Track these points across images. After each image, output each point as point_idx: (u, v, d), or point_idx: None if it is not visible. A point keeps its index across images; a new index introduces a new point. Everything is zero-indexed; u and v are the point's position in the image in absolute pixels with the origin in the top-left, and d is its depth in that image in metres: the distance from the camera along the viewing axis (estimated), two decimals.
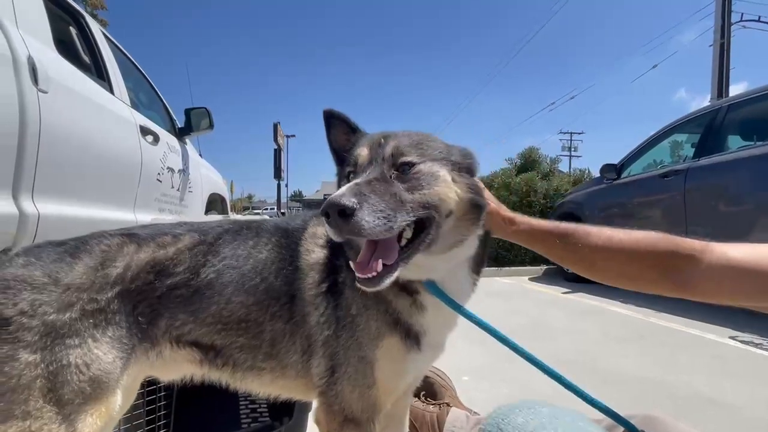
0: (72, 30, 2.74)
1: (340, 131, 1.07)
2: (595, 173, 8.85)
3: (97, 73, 2.82)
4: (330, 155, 1.08)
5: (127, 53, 3.57)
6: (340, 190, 0.79)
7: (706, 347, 3.07)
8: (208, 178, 4.71)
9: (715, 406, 2.08)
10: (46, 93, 1.98)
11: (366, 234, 0.77)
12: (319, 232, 1.08)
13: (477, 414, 1.51)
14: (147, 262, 1.00)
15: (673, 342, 3.21)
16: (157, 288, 0.99)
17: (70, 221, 2.18)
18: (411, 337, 0.98)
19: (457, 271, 1.01)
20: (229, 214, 5.13)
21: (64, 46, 2.49)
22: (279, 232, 1.11)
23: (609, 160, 6.00)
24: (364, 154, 0.91)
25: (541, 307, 4.47)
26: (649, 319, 3.90)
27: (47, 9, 2.27)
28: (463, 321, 1.03)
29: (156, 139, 3.26)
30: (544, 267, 7.10)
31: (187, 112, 4.12)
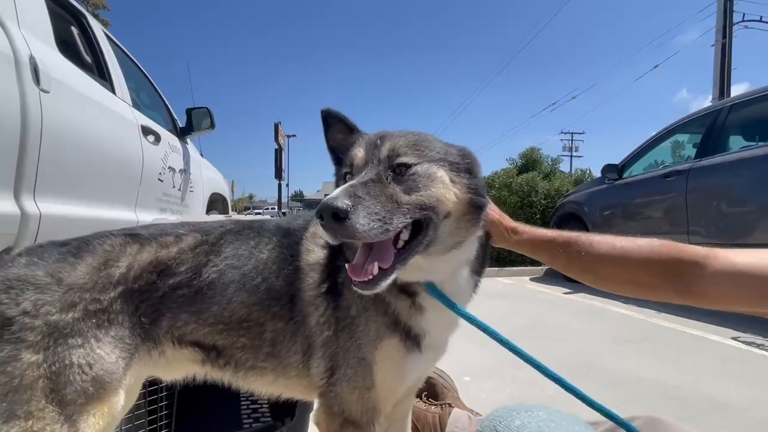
0: (74, 30, 2.74)
1: (337, 131, 1.06)
2: (597, 173, 8.85)
3: (99, 72, 2.82)
4: (329, 156, 1.07)
5: (128, 53, 3.57)
6: (334, 192, 0.78)
7: (708, 348, 3.07)
8: (209, 177, 4.71)
9: (717, 408, 2.08)
10: (47, 93, 1.98)
11: (361, 237, 0.76)
12: (320, 232, 1.07)
13: (479, 415, 1.51)
14: (149, 262, 1.00)
15: (676, 343, 3.21)
16: (159, 288, 0.99)
17: (72, 221, 2.18)
18: (411, 338, 0.98)
19: (457, 272, 0.99)
20: (230, 214, 5.13)
21: (66, 46, 2.50)
22: (280, 231, 1.11)
23: (610, 160, 6.01)
24: (360, 155, 0.90)
25: (542, 308, 4.47)
26: (651, 320, 3.90)
27: (49, 9, 2.27)
28: (465, 322, 1.03)
29: (157, 138, 3.26)
30: (545, 267, 7.09)
31: (189, 111, 4.13)
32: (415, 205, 0.84)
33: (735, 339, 3.26)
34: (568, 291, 5.31)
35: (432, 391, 1.58)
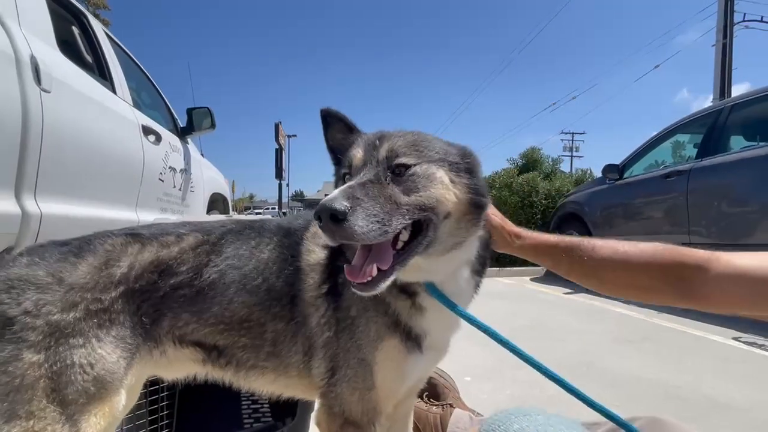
0: (74, 29, 2.74)
1: (337, 130, 1.05)
2: (597, 173, 8.84)
3: (100, 72, 2.82)
4: (329, 156, 1.07)
5: (129, 53, 3.57)
6: (332, 194, 0.77)
7: (709, 348, 3.07)
8: (209, 177, 4.71)
9: (718, 408, 2.07)
10: (48, 92, 1.99)
11: (359, 239, 0.75)
12: (321, 232, 1.07)
13: (480, 415, 1.51)
14: (151, 262, 1.00)
15: (677, 343, 3.21)
16: (160, 288, 0.99)
17: (73, 221, 2.18)
18: (411, 339, 0.97)
19: (458, 272, 0.99)
20: (231, 214, 5.13)
21: (67, 46, 2.50)
22: (281, 231, 1.10)
23: (610, 161, 6.00)
24: (358, 155, 0.89)
25: (542, 308, 4.47)
26: (651, 320, 3.89)
27: (50, 8, 2.27)
28: (466, 322, 1.03)
29: (158, 138, 3.26)
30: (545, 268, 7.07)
31: (189, 111, 4.13)
32: (415, 206, 0.83)
33: (736, 339, 3.25)
34: (569, 291, 5.30)
35: (433, 391, 1.58)
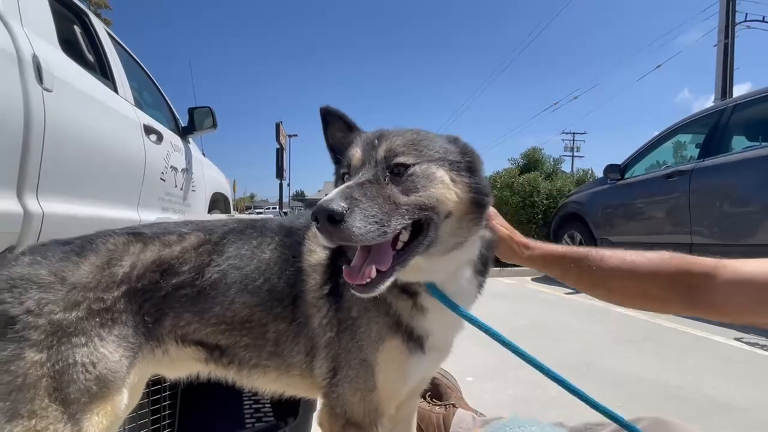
0: (76, 28, 2.74)
1: (337, 129, 1.04)
2: (598, 173, 8.83)
3: (102, 72, 2.82)
4: (329, 155, 1.06)
5: (131, 52, 3.57)
6: (330, 194, 0.76)
7: (710, 349, 3.06)
8: (211, 177, 4.71)
9: (719, 408, 2.07)
10: (50, 92, 1.98)
11: (357, 240, 0.74)
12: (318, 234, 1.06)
13: (483, 415, 1.51)
14: (153, 261, 1.00)
15: (679, 343, 3.20)
16: (162, 287, 0.99)
17: (74, 220, 2.18)
18: (413, 339, 0.96)
19: (459, 272, 0.98)
20: (232, 214, 5.14)
21: (69, 45, 2.50)
22: (283, 231, 1.10)
23: (611, 161, 5.98)
24: (357, 155, 0.88)
25: (543, 308, 4.46)
26: (652, 320, 3.89)
27: (52, 8, 2.27)
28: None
29: (159, 138, 3.26)
30: None
31: (191, 111, 4.13)
32: (415, 206, 0.82)
33: (738, 340, 3.25)
34: (570, 291, 5.29)
35: (436, 391, 1.58)
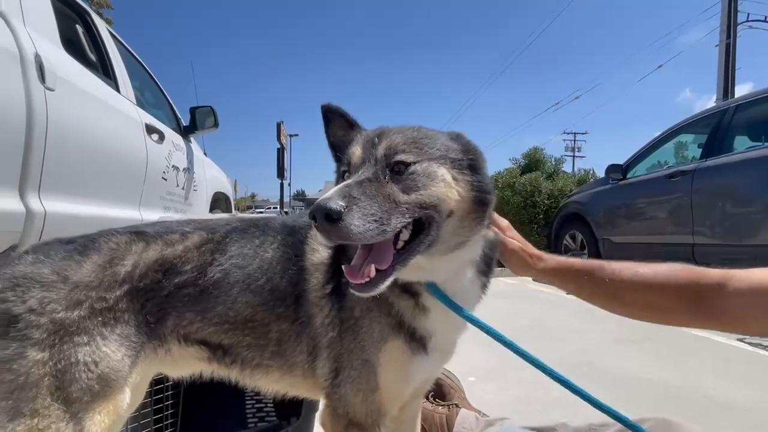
0: (78, 28, 2.74)
1: (338, 126, 1.04)
2: (599, 173, 8.83)
3: (104, 71, 2.82)
4: (330, 153, 1.05)
5: (132, 51, 3.58)
6: (328, 193, 0.76)
7: (712, 349, 3.05)
8: (212, 176, 4.71)
9: (721, 409, 2.06)
10: (53, 91, 1.98)
11: (356, 239, 0.74)
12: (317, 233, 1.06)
13: (486, 416, 1.50)
14: (155, 261, 0.99)
15: (679, 343, 3.19)
16: (164, 286, 0.98)
17: (76, 219, 2.18)
18: (416, 340, 0.95)
19: (462, 273, 0.97)
20: (234, 213, 5.14)
21: (71, 44, 2.50)
22: (285, 230, 1.09)
23: (612, 161, 5.97)
24: (357, 153, 0.88)
25: (544, 308, 4.45)
26: None
27: (54, 7, 2.28)
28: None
29: (161, 137, 3.26)
30: None
31: (192, 110, 4.13)
32: (415, 205, 0.81)
33: (740, 340, 3.23)
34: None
35: (439, 391, 1.57)
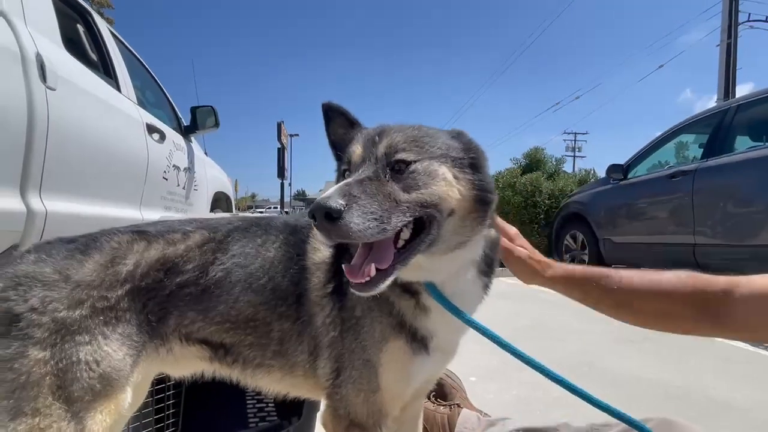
0: (80, 27, 2.74)
1: (338, 125, 1.03)
2: (601, 174, 8.82)
3: (105, 70, 2.82)
4: (331, 152, 1.05)
5: (133, 51, 3.58)
6: (328, 192, 0.75)
7: (712, 349, 3.04)
8: (213, 176, 4.71)
9: (722, 409, 2.05)
10: (54, 90, 1.98)
11: (356, 237, 0.73)
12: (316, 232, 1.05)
13: (488, 416, 1.50)
14: (157, 260, 0.99)
15: (679, 343, 3.17)
16: (166, 286, 0.98)
17: (77, 219, 2.18)
18: (417, 340, 0.95)
19: (462, 272, 0.96)
20: (235, 213, 5.13)
21: (72, 44, 2.50)
22: (287, 229, 1.09)
23: (613, 161, 5.96)
24: (357, 151, 0.87)
25: (544, 308, 4.44)
26: None
27: (55, 7, 2.28)
28: None
29: (162, 137, 3.26)
30: None
31: (193, 110, 4.13)
32: (416, 203, 0.81)
33: (741, 340, 3.23)
34: None
35: (440, 391, 1.57)
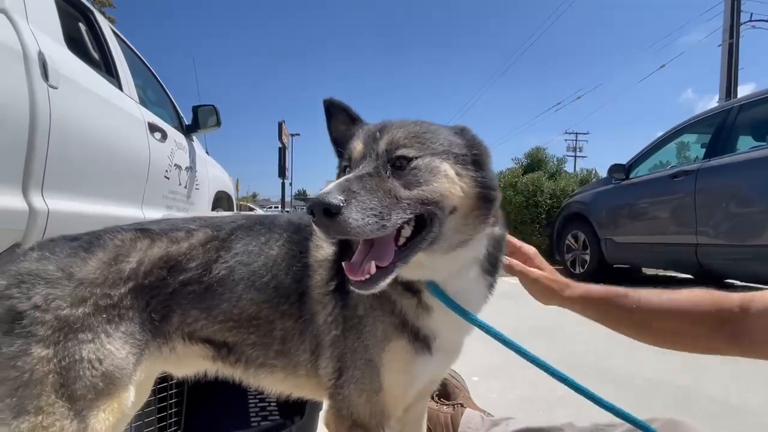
0: (82, 26, 2.74)
1: (340, 122, 1.03)
2: (602, 173, 8.81)
3: (107, 69, 2.82)
4: (332, 150, 1.04)
5: (135, 50, 3.58)
6: (327, 188, 0.74)
7: None
8: (214, 175, 4.71)
9: (730, 410, 2.04)
10: (56, 89, 1.98)
11: (355, 233, 0.72)
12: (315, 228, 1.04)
13: (491, 415, 1.50)
14: (160, 258, 0.99)
15: None
16: (169, 284, 0.98)
17: (79, 217, 2.18)
18: (420, 340, 0.94)
19: (465, 271, 0.94)
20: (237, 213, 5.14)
21: (74, 43, 2.50)
22: (291, 227, 1.08)
23: (614, 161, 5.94)
24: (358, 148, 0.86)
25: (549, 308, 4.43)
26: None
27: (57, 5, 2.27)
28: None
29: (164, 136, 3.26)
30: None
31: (195, 109, 4.13)
32: (417, 200, 0.80)
33: None
34: None
35: (444, 390, 1.56)
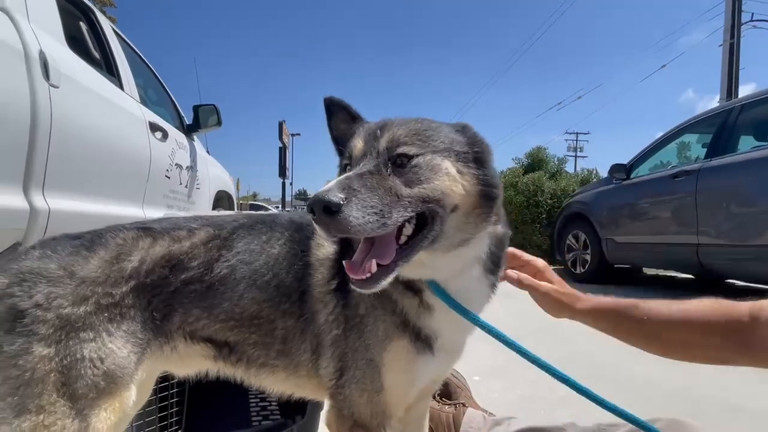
0: (83, 25, 2.74)
1: (341, 120, 1.02)
2: (602, 173, 8.81)
3: (107, 68, 2.82)
4: (333, 149, 1.04)
5: (136, 49, 3.58)
6: (327, 185, 0.74)
7: None
8: (215, 175, 4.71)
9: (733, 410, 2.04)
10: (57, 88, 1.98)
11: (355, 231, 0.72)
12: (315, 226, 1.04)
13: (493, 415, 1.49)
14: (162, 257, 0.98)
15: None
16: (171, 283, 0.98)
17: (80, 217, 2.18)
18: (421, 339, 0.93)
19: (467, 270, 0.94)
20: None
21: (75, 42, 2.50)
22: (293, 226, 1.08)
23: (614, 161, 5.94)
24: (358, 146, 0.86)
25: None
26: None
27: (59, 5, 2.27)
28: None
29: (165, 135, 3.26)
30: (552, 267, 7.01)
31: (196, 108, 4.14)
32: (418, 198, 0.79)
33: None
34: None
35: (445, 390, 1.56)
